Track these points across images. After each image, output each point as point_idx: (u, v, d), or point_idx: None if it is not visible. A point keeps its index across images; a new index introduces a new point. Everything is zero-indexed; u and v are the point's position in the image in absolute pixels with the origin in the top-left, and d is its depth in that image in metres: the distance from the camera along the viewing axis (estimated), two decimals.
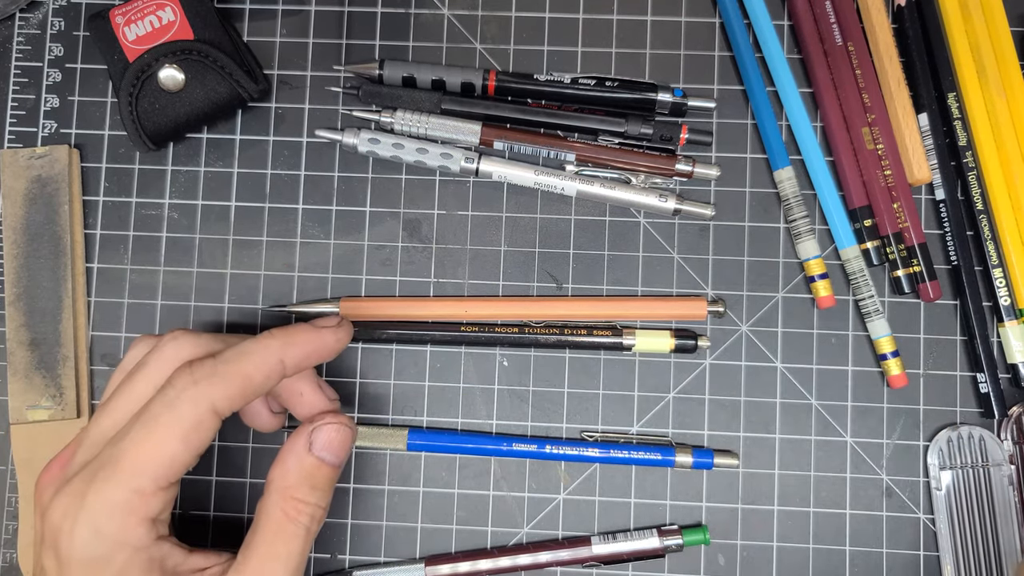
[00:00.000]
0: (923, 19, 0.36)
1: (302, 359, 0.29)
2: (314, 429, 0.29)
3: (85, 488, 0.26)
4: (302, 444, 0.29)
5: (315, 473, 0.29)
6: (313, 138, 0.37)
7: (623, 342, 0.35)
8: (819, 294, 0.36)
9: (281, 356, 0.28)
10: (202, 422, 0.26)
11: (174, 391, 0.27)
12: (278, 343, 0.28)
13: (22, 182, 0.36)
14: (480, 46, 0.38)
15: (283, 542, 0.28)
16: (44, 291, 0.36)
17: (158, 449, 0.26)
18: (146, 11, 0.35)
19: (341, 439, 0.30)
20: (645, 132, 0.36)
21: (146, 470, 0.26)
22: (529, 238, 0.37)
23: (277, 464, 0.29)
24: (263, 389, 0.28)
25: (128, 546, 0.26)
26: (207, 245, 0.37)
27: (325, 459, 0.29)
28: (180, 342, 0.29)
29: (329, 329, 0.30)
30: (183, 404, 0.26)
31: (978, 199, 0.36)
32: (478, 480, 0.36)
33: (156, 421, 0.26)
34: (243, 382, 0.27)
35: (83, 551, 0.25)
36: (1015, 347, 0.35)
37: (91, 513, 0.25)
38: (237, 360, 0.28)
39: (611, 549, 0.35)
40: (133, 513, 0.26)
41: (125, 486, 0.25)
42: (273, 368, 0.28)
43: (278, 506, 0.28)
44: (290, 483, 0.28)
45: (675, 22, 0.38)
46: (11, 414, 0.36)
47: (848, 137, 0.36)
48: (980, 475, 0.35)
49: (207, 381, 0.27)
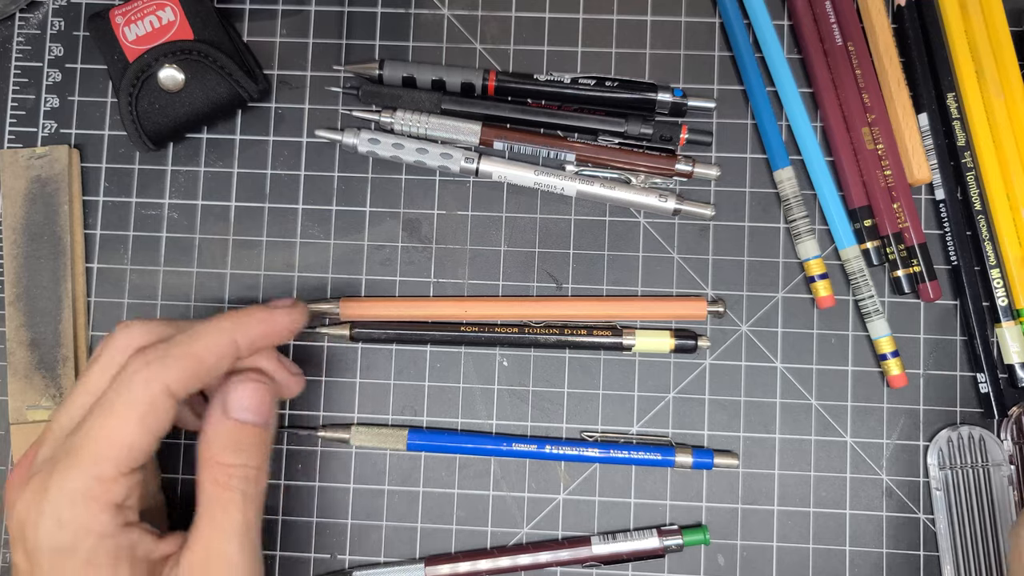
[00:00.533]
0: (923, 19, 0.36)
1: (255, 339, 0.29)
2: (227, 392, 0.29)
3: (47, 479, 0.26)
4: (217, 410, 0.28)
5: (237, 436, 0.28)
6: (313, 138, 0.37)
7: (623, 342, 0.35)
8: (819, 294, 0.36)
9: (233, 337, 0.28)
10: (156, 404, 0.26)
11: (126, 375, 0.26)
12: (230, 324, 0.29)
13: (22, 182, 0.36)
14: (480, 46, 0.38)
15: (221, 511, 0.27)
16: (44, 291, 0.36)
17: (115, 434, 0.26)
18: (146, 11, 0.35)
19: (259, 396, 0.29)
20: (645, 132, 0.36)
21: (106, 455, 0.26)
22: (529, 238, 0.37)
23: (200, 436, 0.28)
24: (217, 369, 0.28)
25: (92, 533, 0.25)
26: (207, 245, 0.37)
27: (246, 419, 0.28)
28: (131, 330, 0.29)
29: (283, 310, 0.30)
30: (136, 387, 0.26)
31: (976, 200, 0.36)
32: (478, 480, 0.36)
33: (112, 406, 0.26)
34: (195, 363, 0.27)
35: (48, 541, 0.25)
36: (1012, 348, 0.35)
37: (53, 503, 0.25)
38: (189, 342, 0.27)
39: (611, 549, 0.35)
40: (95, 500, 0.25)
41: (85, 473, 0.25)
42: (225, 348, 0.28)
43: (207, 476, 0.27)
44: (213, 451, 0.28)
45: (675, 22, 0.38)
46: (11, 414, 0.36)
47: (848, 137, 0.36)
48: (980, 475, 0.35)
49: (159, 363, 0.27)
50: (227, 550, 0.27)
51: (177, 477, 0.36)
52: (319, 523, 0.36)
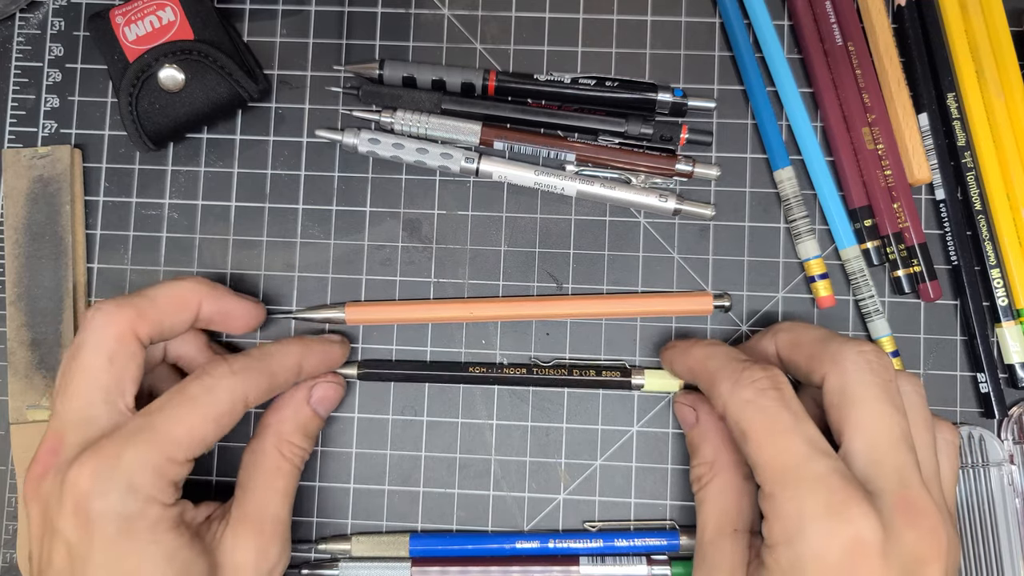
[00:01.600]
0: (923, 19, 0.36)
1: (317, 365, 0.34)
2: (315, 384, 0.34)
3: (120, 450, 0.27)
4: (302, 396, 0.33)
5: (308, 423, 0.33)
6: (313, 138, 0.37)
7: (632, 381, 0.35)
8: (819, 294, 0.36)
9: (300, 360, 0.33)
10: (235, 409, 0.30)
11: (212, 379, 0.29)
12: (299, 348, 0.33)
13: (24, 182, 0.36)
14: (480, 46, 0.38)
15: (280, 477, 0.32)
16: (45, 291, 0.36)
17: (193, 426, 0.28)
18: (146, 11, 0.35)
19: (335, 397, 0.34)
20: (645, 132, 0.36)
21: (181, 441, 0.28)
22: (529, 238, 0.37)
23: (274, 411, 0.33)
24: (283, 388, 0.32)
25: (158, 503, 0.28)
26: (207, 245, 0.37)
27: (319, 412, 0.34)
28: (104, 309, 0.30)
29: (337, 345, 0.35)
30: (221, 391, 0.29)
31: (976, 200, 0.36)
32: (478, 480, 0.36)
33: (195, 402, 0.29)
34: (271, 379, 0.31)
35: (116, 507, 0.27)
36: (1012, 348, 0.35)
37: (126, 471, 0.27)
38: (267, 359, 0.31)
39: (599, 572, 0.34)
40: (164, 476, 0.28)
41: (161, 452, 0.28)
42: (293, 370, 0.32)
43: (275, 447, 0.32)
44: (287, 429, 0.32)
45: (675, 22, 0.38)
46: (11, 414, 0.36)
47: (848, 137, 0.36)
48: (980, 475, 0.35)
49: (243, 373, 0.30)
50: (281, 511, 0.31)
51: None
52: (319, 523, 0.36)
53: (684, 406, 0.34)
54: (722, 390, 0.29)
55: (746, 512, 0.31)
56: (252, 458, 0.32)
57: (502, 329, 0.37)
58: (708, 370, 0.30)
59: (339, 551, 0.35)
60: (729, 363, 0.30)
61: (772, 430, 0.27)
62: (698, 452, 0.33)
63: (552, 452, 0.36)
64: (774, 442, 0.27)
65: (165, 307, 0.31)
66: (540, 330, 0.37)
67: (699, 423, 0.33)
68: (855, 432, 0.27)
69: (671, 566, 0.34)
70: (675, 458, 0.36)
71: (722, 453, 0.32)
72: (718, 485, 0.31)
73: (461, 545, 0.35)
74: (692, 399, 0.34)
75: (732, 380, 0.29)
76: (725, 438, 0.32)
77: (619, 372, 0.35)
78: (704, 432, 0.33)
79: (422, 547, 0.35)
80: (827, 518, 0.25)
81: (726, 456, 0.32)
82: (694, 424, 0.33)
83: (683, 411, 0.34)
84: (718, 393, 0.29)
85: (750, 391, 0.28)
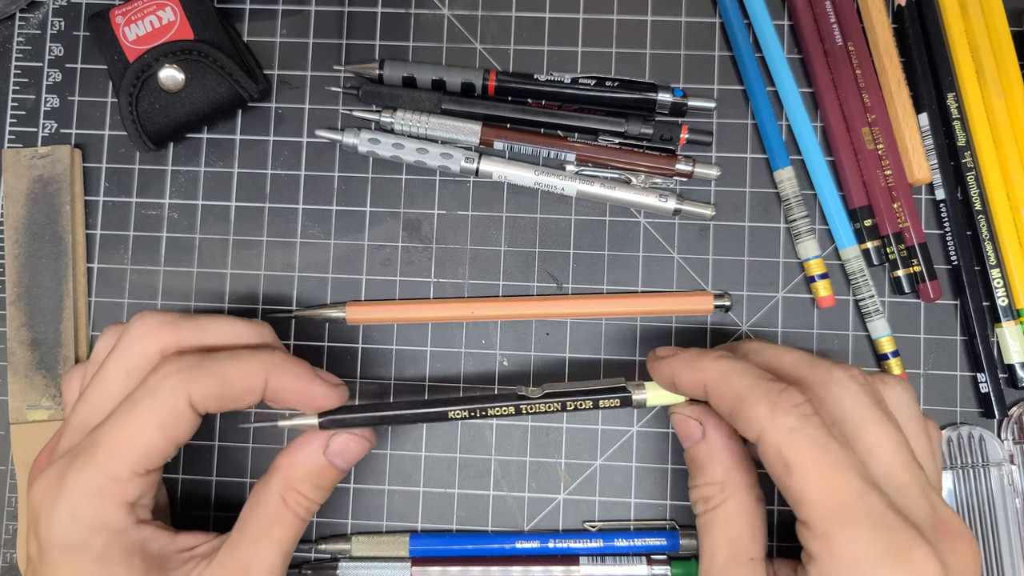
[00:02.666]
0: (923, 19, 0.36)
1: (283, 391, 0.29)
2: (336, 433, 0.30)
3: (64, 472, 0.26)
4: (318, 443, 0.30)
5: (322, 473, 0.30)
6: (313, 138, 0.37)
7: (633, 397, 0.31)
8: (819, 294, 0.36)
9: (267, 376, 0.28)
10: (179, 412, 0.27)
11: (156, 378, 0.27)
12: (270, 360, 0.28)
13: (24, 182, 0.36)
14: (480, 46, 0.38)
15: (279, 527, 0.28)
16: (45, 291, 0.36)
17: (135, 436, 0.26)
18: (146, 11, 0.35)
19: (357, 451, 0.30)
20: (645, 132, 0.36)
21: (123, 456, 0.26)
22: (529, 238, 0.37)
23: (288, 453, 0.30)
24: (242, 399, 0.28)
25: (106, 529, 0.26)
26: (207, 245, 0.37)
27: (335, 464, 0.30)
28: (146, 320, 0.29)
29: (322, 384, 0.29)
30: (163, 392, 0.27)
31: (976, 200, 0.36)
32: (478, 480, 0.36)
33: (135, 408, 0.27)
34: (222, 384, 0.27)
35: (61, 534, 0.26)
36: (1012, 348, 0.35)
37: (69, 497, 0.26)
38: (224, 360, 0.28)
39: (598, 572, 0.34)
40: (110, 498, 0.26)
41: (102, 471, 0.26)
42: (255, 382, 0.28)
43: (280, 493, 0.29)
44: (297, 475, 0.29)
45: (675, 22, 0.38)
46: (11, 414, 0.36)
47: (848, 137, 0.36)
48: (980, 475, 0.35)
49: (189, 372, 0.27)
50: (272, 563, 0.28)
51: (177, 477, 0.36)
52: (319, 523, 0.36)
53: (688, 419, 0.30)
54: (758, 414, 0.26)
55: (759, 538, 0.28)
56: (255, 499, 0.29)
57: (502, 329, 0.37)
58: (734, 389, 0.27)
59: (339, 551, 0.35)
60: (761, 382, 0.27)
61: (822, 462, 0.25)
62: (704, 471, 0.29)
63: (552, 452, 0.36)
64: (826, 476, 0.25)
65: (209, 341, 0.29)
66: (540, 330, 0.37)
67: (706, 439, 0.30)
68: (869, 459, 0.26)
69: (671, 566, 0.34)
70: (675, 458, 0.36)
71: (734, 473, 0.29)
72: (731, 508, 0.28)
73: (461, 545, 0.35)
74: (698, 412, 0.30)
75: (770, 403, 0.26)
76: (737, 456, 0.29)
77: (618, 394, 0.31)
78: (713, 449, 0.29)
79: (422, 547, 0.35)
80: (891, 562, 0.24)
81: (739, 476, 0.29)
82: (700, 440, 0.30)
83: (687, 425, 0.30)
84: (752, 416, 0.26)
85: (794, 418, 0.26)
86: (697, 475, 0.30)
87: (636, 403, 0.31)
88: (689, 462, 0.30)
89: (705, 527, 0.29)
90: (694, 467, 0.30)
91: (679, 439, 0.31)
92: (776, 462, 0.26)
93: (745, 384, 0.27)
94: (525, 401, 0.30)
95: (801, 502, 0.25)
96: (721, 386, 0.28)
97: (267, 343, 0.30)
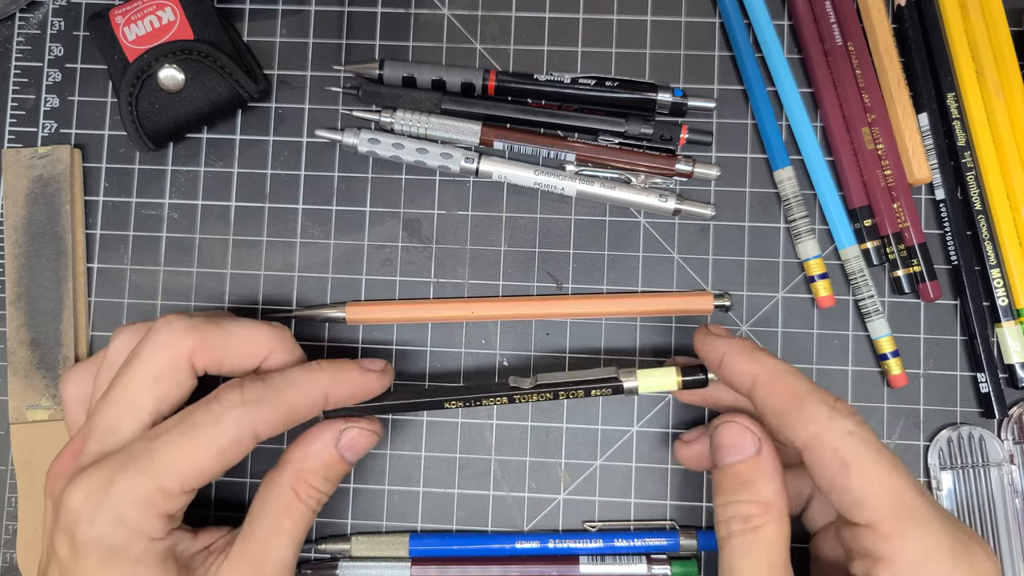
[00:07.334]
0: (923, 19, 0.36)
1: (346, 397, 0.30)
2: (346, 428, 0.31)
3: (112, 476, 0.26)
4: (329, 437, 0.30)
5: (332, 466, 0.30)
6: (313, 138, 0.37)
7: (624, 385, 0.31)
8: (819, 294, 0.36)
9: (327, 392, 0.29)
10: (241, 441, 0.27)
11: (220, 407, 0.27)
12: (327, 378, 0.29)
13: (24, 182, 0.36)
14: (480, 46, 0.38)
15: (290, 518, 0.29)
16: (45, 291, 0.36)
17: (192, 457, 0.27)
18: (146, 11, 0.35)
19: (366, 444, 0.31)
20: (645, 132, 0.36)
21: (177, 473, 0.27)
22: (529, 238, 0.37)
23: (299, 446, 0.30)
24: (304, 419, 0.29)
25: (145, 537, 0.26)
26: (207, 245, 0.37)
27: (346, 457, 0.31)
28: (174, 326, 0.29)
29: (376, 374, 0.31)
30: (227, 421, 0.27)
31: (976, 200, 0.36)
32: (478, 480, 0.36)
33: (197, 430, 0.27)
34: (288, 411, 0.28)
35: (102, 536, 0.26)
36: (1012, 348, 0.35)
37: (115, 502, 0.26)
38: (286, 388, 0.28)
39: (599, 571, 0.34)
40: (154, 508, 0.26)
41: (153, 483, 0.26)
42: (317, 401, 0.29)
43: (291, 485, 0.29)
44: (308, 467, 0.30)
45: (675, 22, 0.38)
46: (11, 414, 0.36)
47: (848, 137, 0.36)
48: (980, 475, 0.35)
49: (255, 404, 0.28)
50: (285, 554, 0.29)
51: None
52: (319, 523, 0.36)
53: (746, 430, 0.29)
54: (817, 415, 0.26)
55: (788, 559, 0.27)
56: (266, 491, 0.29)
57: (502, 329, 0.37)
58: (791, 387, 0.27)
59: (339, 551, 0.35)
60: (816, 387, 0.27)
61: (882, 463, 0.26)
62: (751, 488, 0.28)
63: (552, 452, 0.36)
64: (888, 476, 0.25)
65: (234, 346, 0.29)
66: (540, 330, 0.37)
67: (761, 455, 0.28)
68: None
69: (671, 566, 0.34)
70: (675, 458, 0.36)
71: (782, 496, 0.28)
72: (773, 532, 0.27)
73: (461, 545, 0.35)
74: (758, 425, 0.29)
75: (829, 406, 0.27)
76: (783, 479, 0.28)
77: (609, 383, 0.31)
78: (767, 467, 0.28)
79: (422, 547, 0.35)
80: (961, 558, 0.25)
81: (783, 501, 0.28)
82: (753, 455, 0.28)
83: (742, 436, 0.28)
84: (809, 416, 0.26)
85: (851, 422, 0.26)
86: (739, 491, 0.28)
87: (628, 390, 0.31)
88: (729, 476, 0.28)
89: (743, 549, 0.27)
90: (736, 482, 0.28)
91: (716, 450, 0.29)
92: (832, 462, 0.26)
93: (803, 385, 0.27)
94: (518, 391, 0.31)
95: (863, 503, 0.25)
96: (776, 383, 0.28)
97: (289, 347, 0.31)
